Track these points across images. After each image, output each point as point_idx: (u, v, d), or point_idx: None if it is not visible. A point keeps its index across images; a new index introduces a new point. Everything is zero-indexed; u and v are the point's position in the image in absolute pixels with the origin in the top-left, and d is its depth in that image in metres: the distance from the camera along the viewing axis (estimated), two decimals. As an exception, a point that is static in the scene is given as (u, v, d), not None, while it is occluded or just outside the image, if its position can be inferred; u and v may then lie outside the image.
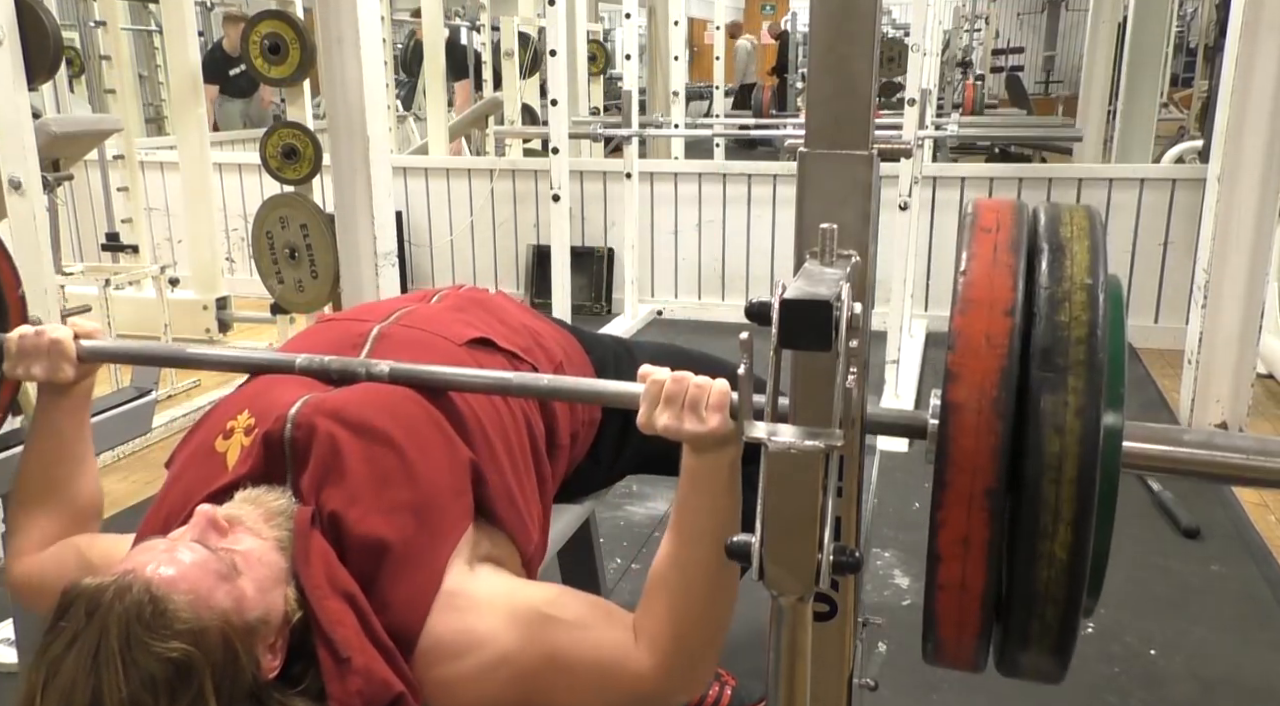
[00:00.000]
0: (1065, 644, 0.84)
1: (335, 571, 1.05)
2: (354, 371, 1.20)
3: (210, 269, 4.04)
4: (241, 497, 1.08)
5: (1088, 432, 0.77)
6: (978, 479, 0.79)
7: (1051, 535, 0.78)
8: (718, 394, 1.02)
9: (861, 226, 0.87)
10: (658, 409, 1.04)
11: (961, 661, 0.89)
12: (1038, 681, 0.90)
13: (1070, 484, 0.77)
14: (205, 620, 0.91)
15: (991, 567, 0.81)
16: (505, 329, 1.39)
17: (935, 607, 0.84)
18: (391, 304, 1.45)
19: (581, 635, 1.08)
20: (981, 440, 0.79)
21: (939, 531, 0.81)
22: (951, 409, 0.80)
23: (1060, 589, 0.80)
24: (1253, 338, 3.14)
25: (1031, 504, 0.79)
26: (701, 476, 1.07)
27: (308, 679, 1.00)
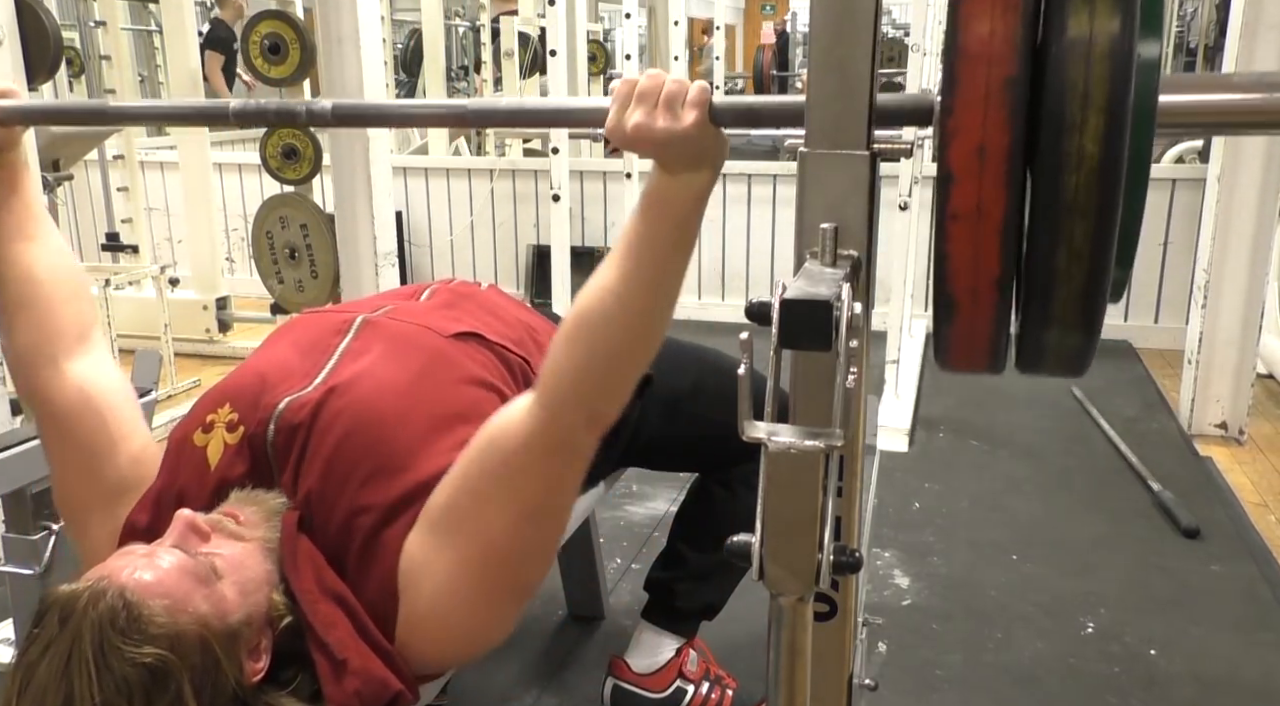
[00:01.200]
0: (1095, 285, 0.69)
1: (324, 574, 1.05)
2: (294, 111, 1.09)
3: (210, 269, 4.05)
4: (236, 497, 1.09)
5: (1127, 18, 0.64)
6: (995, 68, 0.66)
7: (1081, 127, 0.65)
8: (697, 90, 0.90)
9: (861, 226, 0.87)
10: (629, 109, 0.91)
11: (978, 334, 0.75)
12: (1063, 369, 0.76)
13: (1102, 60, 0.63)
14: (182, 625, 0.91)
15: (1012, 185, 0.67)
16: (497, 323, 1.38)
17: (948, 249, 0.71)
18: (379, 299, 1.45)
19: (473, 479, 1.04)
20: (998, 20, 0.66)
21: (950, 144, 0.68)
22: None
23: (1091, 196, 0.66)
24: (1253, 338, 3.14)
25: (1056, 92, 0.65)
26: (665, 200, 0.95)
27: (299, 680, 1.00)
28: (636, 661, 1.71)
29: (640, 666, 1.71)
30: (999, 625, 2.07)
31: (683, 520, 1.73)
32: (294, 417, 1.12)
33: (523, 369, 1.33)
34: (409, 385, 1.18)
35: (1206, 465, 2.93)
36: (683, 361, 1.58)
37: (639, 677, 1.71)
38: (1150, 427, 3.25)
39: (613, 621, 2.08)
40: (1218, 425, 3.21)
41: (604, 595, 2.09)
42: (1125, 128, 0.65)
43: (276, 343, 1.31)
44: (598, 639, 2.02)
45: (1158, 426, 3.27)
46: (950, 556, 2.37)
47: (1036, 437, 3.17)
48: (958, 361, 0.77)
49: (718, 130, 0.91)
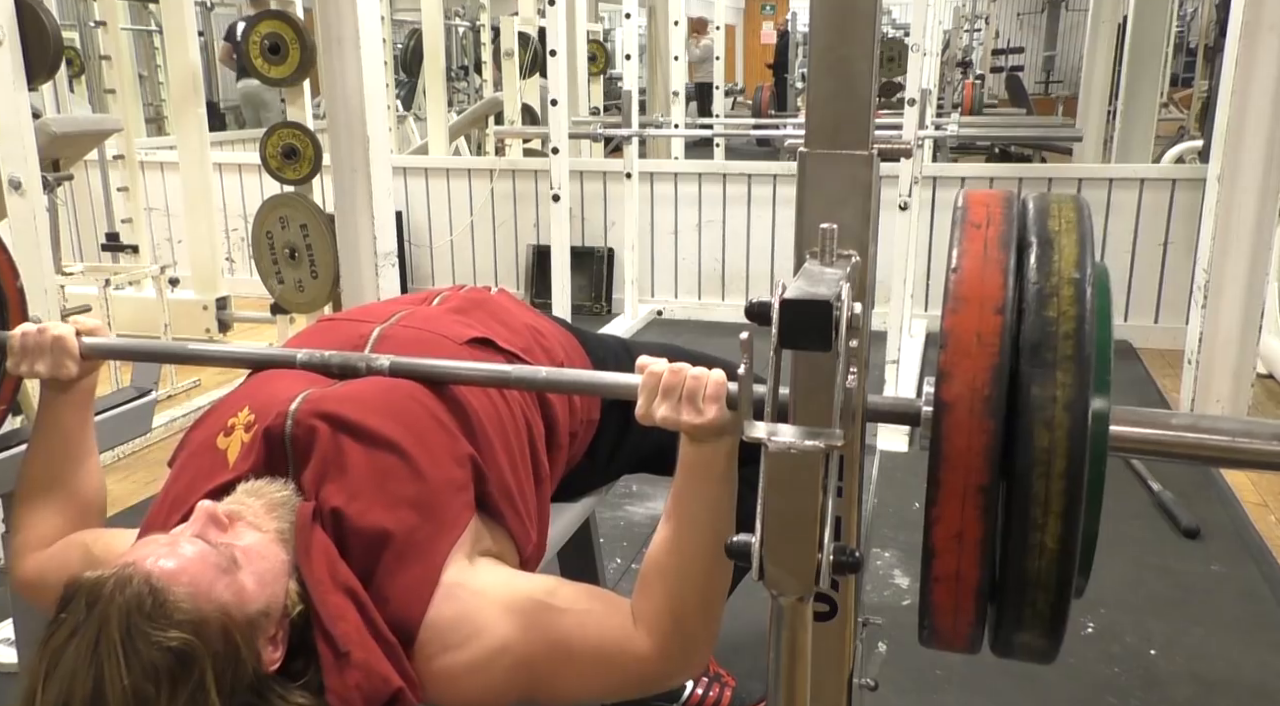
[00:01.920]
0: (1057, 626, 0.86)
1: (337, 566, 1.05)
2: (355, 366, 1.21)
3: (210, 269, 4.05)
4: (244, 489, 1.09)
5: (1075, 426, 0.79)
6: (971, 476, 0.80)
7: (1041, 527, 0.80)
8: (714, 385, 1.03)
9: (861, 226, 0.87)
10: (655, 400, 1.05)
11: (957, 645, 0.91)
12: (1032, 661, 0.92)
13: (1059, 477, 0.79)
14: (205, 612, 0.92)
15: (985, 560, 0.83)
16: (506, 329, 1.40)
17: (931, 599, 0.86)
18: (392, 305, 1.46)
19: (581, 621, 1.08)
20: (974, 439, 0.80)
21: (934, 527, 0.82)
22: (945, 408, 0.81)
23: (1051, 577, 0.82)
24: (1253, 337, 3.14)
25: (1022, 498, 0.80)
26: (698, 466, 1.08)
27: (309, 673, 1.00)
28: None
29: None
30: (999, 625, 2.07)
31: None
32: (314, 409, 1.13)
33: None
34: (428, 390, 1.20)
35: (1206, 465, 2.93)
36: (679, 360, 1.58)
37: None
38: (1150, 427, 3.25)
39: (613, 621, 2.08)
40: (1218, 425, 3.21)
41: (604, 595, 2.09)
42: (1078, 530, 0.80)
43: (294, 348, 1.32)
44: (598, 639, 2.02)
45: (1158, 426, 3.27)
46: (950, 556, 2.37)
47: (1036, 437, 3.16)
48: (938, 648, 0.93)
49: (733, 413, 1.03)
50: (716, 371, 1.04)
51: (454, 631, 1.06)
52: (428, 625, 1.06)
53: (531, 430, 1.30)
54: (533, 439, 1.30)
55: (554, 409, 1.36)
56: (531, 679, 1.07)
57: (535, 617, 1.07)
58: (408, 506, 1.10)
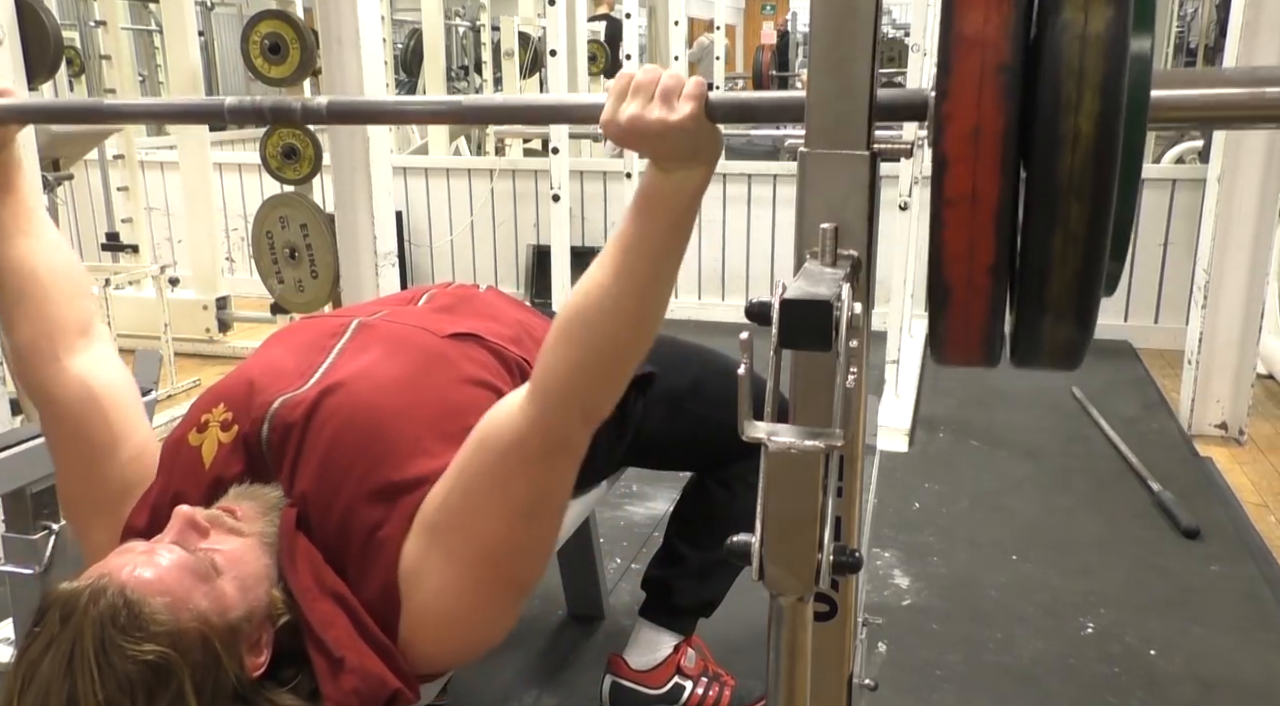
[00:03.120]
0: (1091, 273, 0.70)
1: (323, 572, 1.05)
2: (288, 107, 1.08)
3: (210, 269, 4.05)
4: (236, 492, 1.09)
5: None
6: (989, 54, 0.67)
7: (1076, 107, 0.66)
8: (694, 82, 0.89)
9: (862, 226, 0.87)
10: (625, 102, 0.90)
11: (973, 324, 0.77)
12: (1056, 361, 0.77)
13: (1097, 42, 0.65)
14: (183, 622, 0.91)
15: (1007, 169, 0.69)
16: (494, 324, 1.39)
17: (943, 234, 0.73)
18: (377, 303, 1.45)
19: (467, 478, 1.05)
20: (993, 9, 0.68)
21: (945, 128, 0.70)
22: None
23: (1086, 177, 0.67)
24: (1253, 338, 3.14)
25: (1051, 72, 0.66)
26: (656, 198, 0.94)
27: (299, 678, 1.00)
28: (635, 658, 1.72)
29: (638, 663, 1.72)
30: (999, 625, 2.08)
31: (680, 519, 1.73)
32: (289, 416, 1.12)
33: (520, 367, 1.33)
34: (406, 384, 1.18)
35: (1206, 465, 2.93)
36: (684, 362, 1.58)
37: (637, 674, 1.72)
38: (1150, 428, 3.25)
39: (612, 621, 2.08)
40: (1218, 425, 3.21)
41: (604, 595, 2.09)
42: (1120, 107, 0.66)
43: (272, 346, 1.31)
44: (597, 638, 2.03)
45: (1158, 427, 3.27)
46: (950, 556, 2.37)
47: (1036, 438, 3.17)
48: (953, 353, 0.78)
49: (713, 126, 0.90)
50: (695, 76, 0.91)
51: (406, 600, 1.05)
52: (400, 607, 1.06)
53: None
54: None
55: None
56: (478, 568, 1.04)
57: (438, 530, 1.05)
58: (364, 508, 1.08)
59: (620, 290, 0.97)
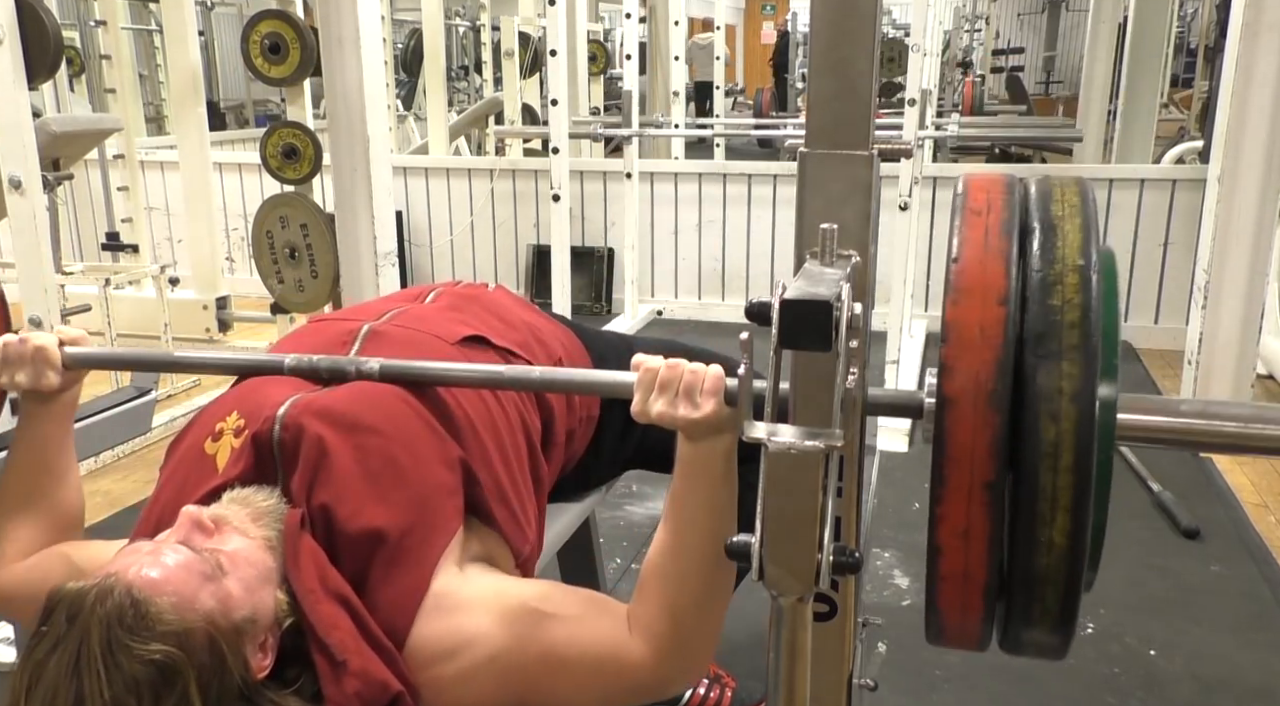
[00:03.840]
0: (1067, 622, 0.83)
1: (327, 573, 1.04)
2: (343, 370, 1.19)
3: (210, 268, 4.04)
4: (229, 497, 1.08)
5: (1083, 417, 0.77)
6: (976, 472, 0.79)
7: (1050, 522, 0.78)
8: (712, 380, 1.01)
9: (862, 226, 0.87)
10: (652, 396, 1.02)
11: (966, 642, 0.89)
12: (1042, 657, 0.90)
13: (1067, 471, 0.77)
14: (189, 621, 0.91)
15: (993, 557, 0.81)
16: (501, 325, 1.38)
17: (938, 598, 0.84)
18: (384, 303, 1.44)
19: (574, 629, 1.07)
20: (978, 434, 0.78)
21: (939, 525, 0.81)
22: (948, 403, 0.79)
23: (1060, 572, 0.80)
24: (1253, 338, 3.14)
25: (1029, 493, 0.79)
26: (696, 464, 1.05)
27: (302, 680, 1.00)
28: None
29: None
30: (999, 625, 2.07)
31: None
32: (301, 414, 1.12)
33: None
34: (420, 392, 1.18)
35: (1206, 466, 2.93)
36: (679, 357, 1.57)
37: None
38: (1150, 428, 3.25)
39: (612, 621, 2.08)
40: (1217, 425, 3.21)
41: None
42: (1088, 523, 0.78)
43: (283, 352, 1.30)
44: (597, 639, 2.02)
45: (1158, 427, 3.26)
46: (950, 556, 2.36)
47: (1036, 438, 3.16)
48: (946, 647, 0.91)
49: (730, 408, 1.00)
50: (714, 366, 1.03)
51: (441, 642, 1.05)
52: (415, 635, 1.05)
53: (528, 429, 1.29)
54: (529, 438, 1.29)
55: (551, 407, 1.34)
56: (523, 688, 1.06)
57: (525, 626, 1.06)
58: (397, 510, 1.09)
59: (683, 544, 1.07)
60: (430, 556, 1.08)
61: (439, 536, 1.10)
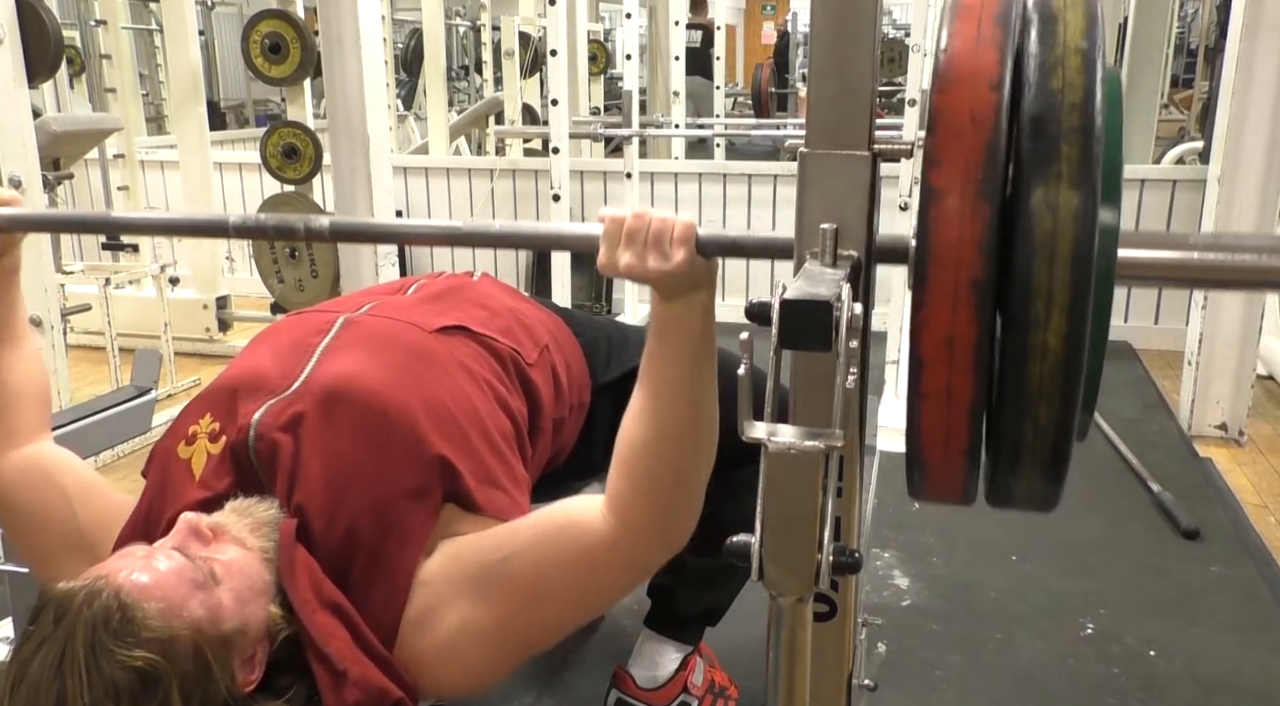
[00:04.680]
0: (1060, 453, 0.76)
1: (321, 584, 1.04)
2: (292, 227, 1.13)
3: (210, 268, 4.05)
4: (231, 507, 1.08)
5: (1084, 205, 0.69)
6: (962, 271, 0.71)
7: (1044, 324, 0.71)
8: (682, 227, 0.95)
9: (862, 227, 0.87)
10: (619, 249, 0.96)
11: (949, 486, 0.81)
12: (1030, 508, 0.82)
13: (1065, 264, 0.69)
14: (176, 629, 0.90)
15: (979, 370, 0.73)
16: (484, 313, 1.36)
17: (919, 423, 0.77)
18: (364, 295, 1.43)
19: (537, 557, 1.06)
20: (966, 227, 0.71)
21: (921, 333, 0.73)
22: (932, 196, 0.72)
23: (1054, 384, 0.72)
24: (1253, 339, 3.14)
25: (1022, 292, 0.71)
26: (671, 322, 1.00)
27: (293, 691, 0.99)
28: (640, 672, 1.69)
29: (644, 680, 1.68)
30: (998, 626, 2.07)
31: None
32: (274, 423, 1.11)
33: (513, 358, 1.31)
34: (395, 384, 1.17)
35: (1206, 466, 2.93)
36: None
37: (643, 692, 1.68)
38: (1150, 429, 3.25)
39: (612, 621, 2.08)
40: (1218, 426, 3.21)
41: (603, 595, 2.09)
42: (1086, 326, 0.71)
43: (257, 347, 1.29)
44: (597, 639, 2.02)
45: (1157, 427, 3.27)
46: (950, 557, 2.37)
47: (1036, 438, 3.16)
48: (929, 500, 0.85)
49: (705, 259, 0.95)
50: (685, 216, 0.97)
51: (418, 626, 1.06)
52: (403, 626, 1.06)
53: (515, 417, 1.28)
54: (516, 426, 1.28)
55: (539, 394, 1.33)
56: (519, 629, 1.06)
57: (491, 583, 1.05)
58: (370, 518, 1.08)
59: (659, 411, 1.02)
60: (408, 560, 1.08)
61: (415, 540, 1.09)
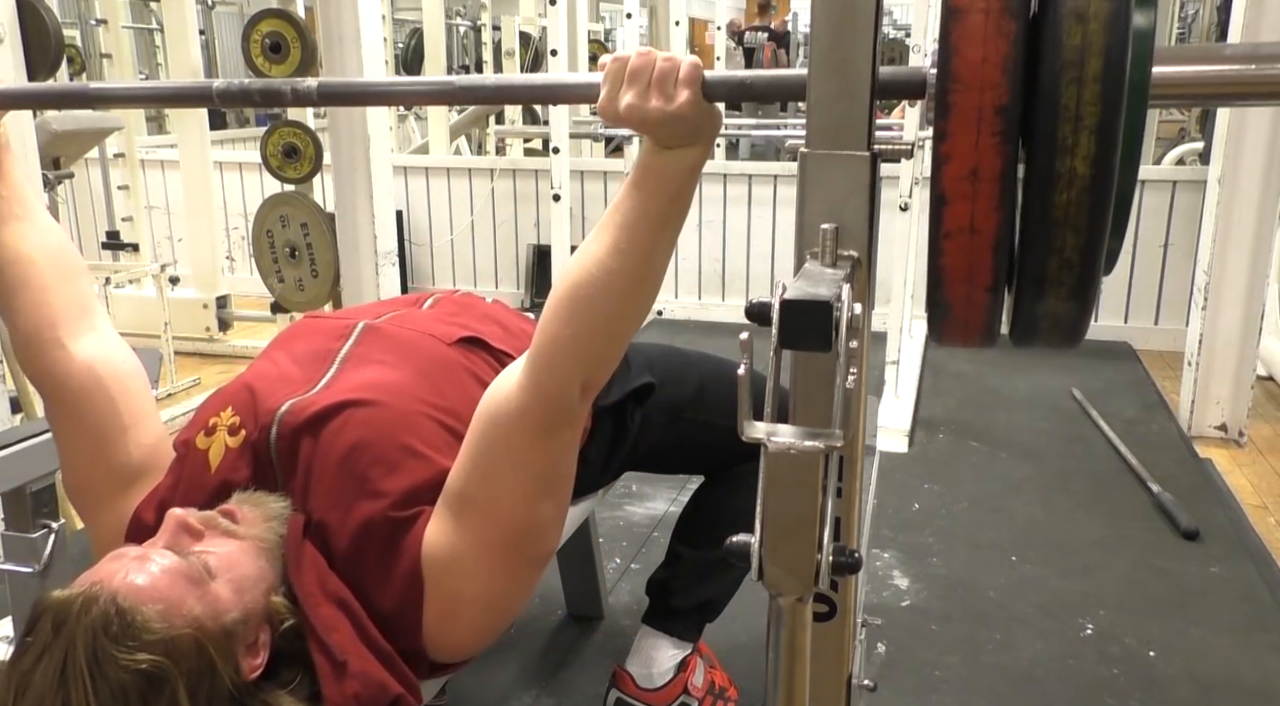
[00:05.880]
0: (1088, 280, 0.72)
1: (327, 578, 1.05)
2: (278, 90, 1.08)
3: (210, 267, 4.05)
4: (241, 497, 1.09)
5: (1115, 16, 0.65)
6: (987, 95, 0.68)
7: (1072, 149, 0.67)
8: (689, 67, 0.89)
9: (862, 227, 0.87)
10: (621, 88, 0.90)
11: (972, 325, 0.78)
12: (1058, 340, 0.78)
13: (1094, 82, 0.65)
14: (177, 628, 0.91)
15: (1004, 204, 0.70)
16: (500, 331, 1.39)
17: (941, 262, 0.74)
18: (382, 306, 1.45)
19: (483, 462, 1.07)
20: (991, 46, 0.67)
21: (943, 167, 0.71)
22: (955, 15, 0.68)
23: (1081, 213, 0.68)
24: (1253, 339, 3.15)
25: (1048, 114, 0.67)
26: (653, 174, 0.96)
27: (297, 681, 1.00)
28: (638, 670, 1.69)
29: (643, 678, 1.68)
30: (998, 626, 2.07)
31: (683, 521, 1.73)
32: (295, 421, 1.12)
33: None
34: (414, 391, 1.18)
35: (1206, 467, 2.93)
36: (685, 371, 1.57)
37: (642, 693, 1.68)
38: (1150, 429, 3.25)
39: (612, 621, 2.08)
40: (1217, 427, 3.21)
41: (603, 595, 2.09)
42: (1116, 150, 0.67)
43: (278, 348, 1.31)
44: (597, 639, 2.02)
45: (1157, 428, 3.27)
46: (950, 557, 2.37)
47: (1036, 439, 3.17)
48: (952, 342, 0.81)
49: (711, 105, 0.91)
50: (691, 57, 0.91)
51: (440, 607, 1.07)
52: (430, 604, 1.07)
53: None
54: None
55: None
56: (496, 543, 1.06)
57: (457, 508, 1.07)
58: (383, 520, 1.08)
59: (619, 265, 0.99)
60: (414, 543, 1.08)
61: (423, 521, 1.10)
